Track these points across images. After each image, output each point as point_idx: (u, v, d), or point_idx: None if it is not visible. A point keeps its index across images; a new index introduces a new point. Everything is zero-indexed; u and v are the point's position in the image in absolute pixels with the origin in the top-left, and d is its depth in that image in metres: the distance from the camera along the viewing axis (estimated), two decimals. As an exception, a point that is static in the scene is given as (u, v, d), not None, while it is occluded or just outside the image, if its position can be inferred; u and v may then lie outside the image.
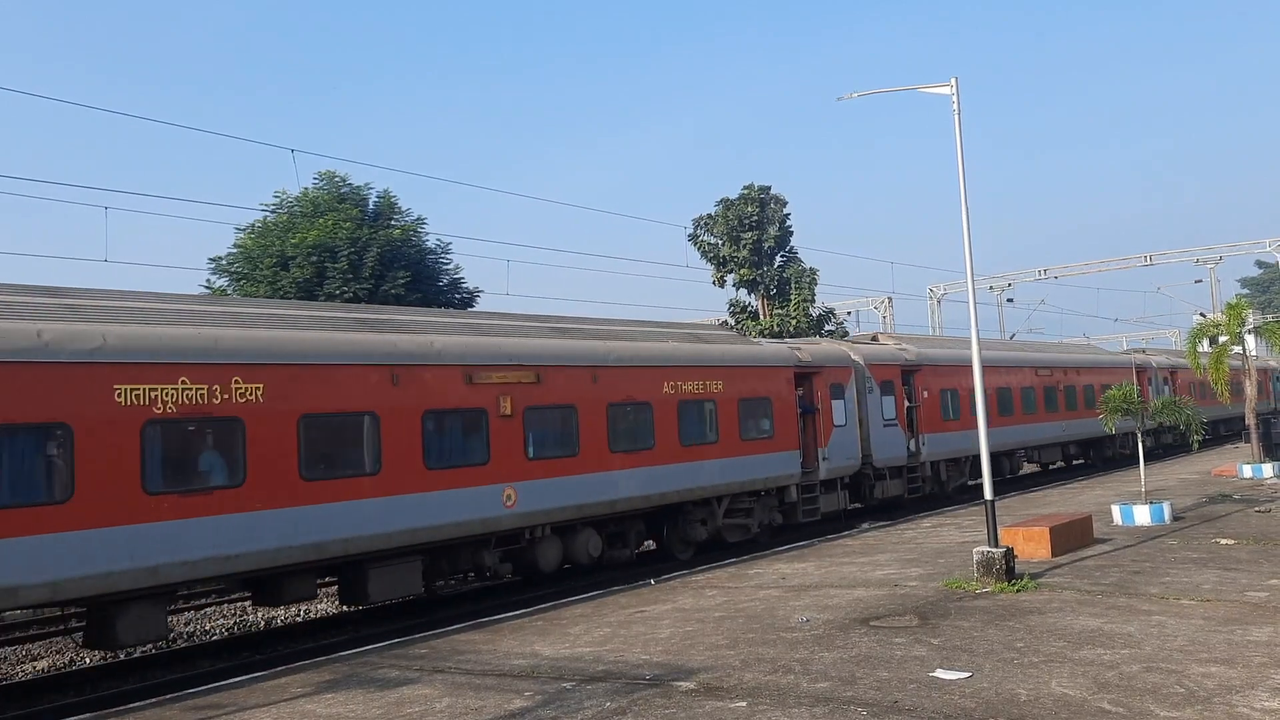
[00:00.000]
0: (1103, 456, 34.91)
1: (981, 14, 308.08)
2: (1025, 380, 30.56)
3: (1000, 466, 28.46)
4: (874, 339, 27.39)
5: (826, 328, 41.14)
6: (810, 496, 21.19)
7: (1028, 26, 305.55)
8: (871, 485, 23.22)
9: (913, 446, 24.63)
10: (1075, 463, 35.76)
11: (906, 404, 24.53)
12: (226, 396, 11.68)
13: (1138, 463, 20.50)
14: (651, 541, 19.70)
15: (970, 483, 27.40)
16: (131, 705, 9.91)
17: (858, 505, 23.88)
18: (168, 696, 10.12)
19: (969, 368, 22.84)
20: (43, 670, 14.19)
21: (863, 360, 23.29)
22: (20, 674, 14.25)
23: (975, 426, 21.61)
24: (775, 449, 20.07)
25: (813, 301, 40.90)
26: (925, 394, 25.23)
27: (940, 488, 26.10)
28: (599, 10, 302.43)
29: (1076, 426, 32.80)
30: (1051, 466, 35.63)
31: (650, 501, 17.48)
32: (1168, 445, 38.32)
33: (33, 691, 12.46)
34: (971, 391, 21.96)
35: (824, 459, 21.36)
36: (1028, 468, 34.66)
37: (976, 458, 23.12)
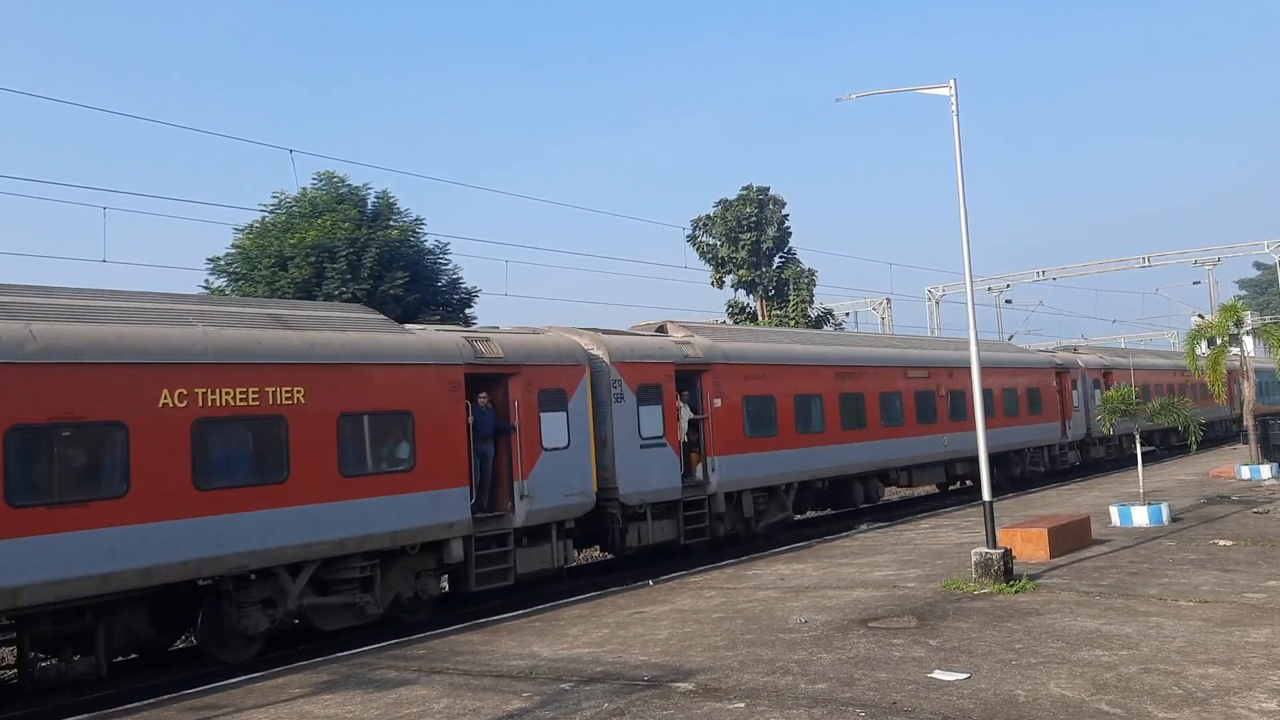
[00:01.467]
0: (1009, 475, 28.46)
1: (980, 15, 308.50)
2: (887, 384, 23.85)
3: (848, 494, 22.42)
4: (661, 329, 19.96)
5: (825, 328, 41.18)
6: (498, 553, 14.63)
7: (1027, 27, 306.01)
8: (621, 530, 16.79)
9: (700, 474, 18.41)
10: (956, 486, 28.91)
11: (691, 416, 18.36)
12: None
13: (1054, 480, 20.19)
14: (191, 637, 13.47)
15: (799, 517, 22.61)
16: (129, 706, 9.91)
17: (608, 556, 19.03)
18: (165, 697, 10.11)
19: (787, 368, 20.63)
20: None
21: (607, 356, 16.79)
22: (16, 675, 14.22)
23: (797, 445, 19.92)
24: (421, 486, 13.52)
25: (811, 302, 41.00)
26: (718, 402, 18.73)
27: (745, 526, 19.41)
28: (598, 11, 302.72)
29: (964, 440, 24.84)
30: (925, 492, 29.84)
31: (151, 578, 10.97)
32: (1102, 460, 34.41)
33: (30, 693, 12.41)
34: (796, 398, 20.47)
35: (522, 497, 14.91)
36: (899, 493, 29.08)
37: (803, 485, 20.97)
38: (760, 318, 40.91)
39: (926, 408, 25.05)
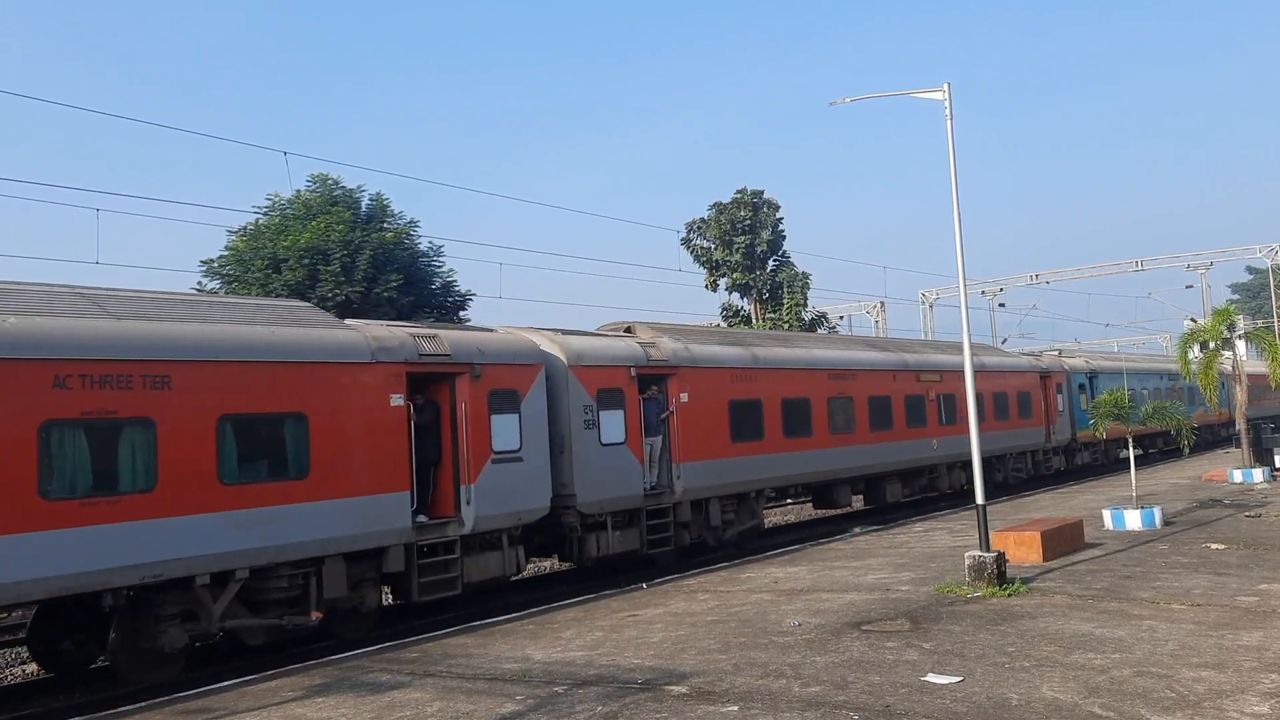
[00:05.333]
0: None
1: (975, 18, 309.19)
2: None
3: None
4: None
5: (819, 331, 41.23)
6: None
7: (1022, 30, 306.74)
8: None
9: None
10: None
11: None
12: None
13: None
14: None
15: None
16: (121, 709, 9.88)
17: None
18: (158, 700, 10.08)
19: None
20: (33, 674, 14.12)
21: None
22: (10, 678, 14.19)
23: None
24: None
25: (805, 306, 41.02)
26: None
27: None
28: (591, 14, 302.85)
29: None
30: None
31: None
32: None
33: (23, 695, 12.40)
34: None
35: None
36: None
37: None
38: (754, 321, 40.95)
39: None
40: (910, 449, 24.48)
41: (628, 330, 19.50)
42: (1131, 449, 20.05)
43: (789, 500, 26.79)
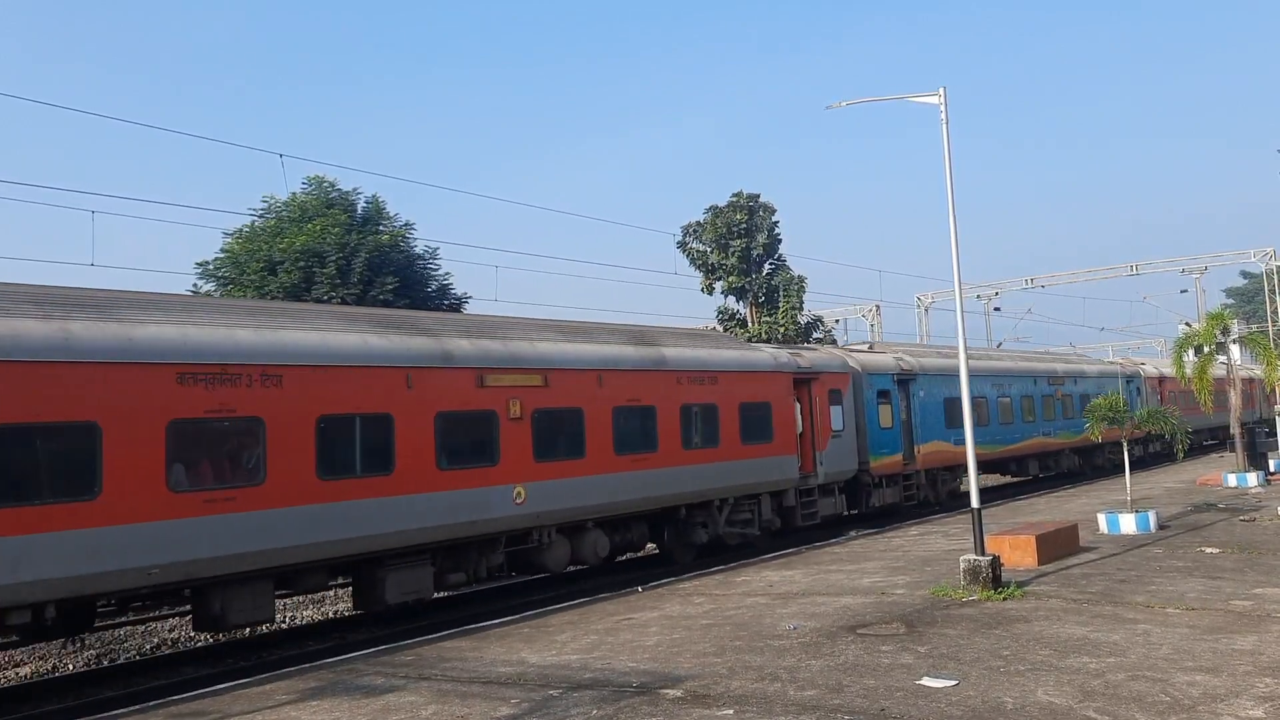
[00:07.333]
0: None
1: (975, 21, 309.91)
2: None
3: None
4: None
5: (815, 335, 41.28)
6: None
7: (1020, 34, 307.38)
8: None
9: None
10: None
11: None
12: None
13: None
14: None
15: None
16: (115, 712, 9.86)
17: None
18: (152, 703, 10.05)
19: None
20: (26, 676, 14.09)
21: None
22: (4, 679, 14.15)
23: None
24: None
25: (801, 309, 41.01)
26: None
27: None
28: (589, 16, 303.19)
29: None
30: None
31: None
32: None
33: (17, 698, 12.36)
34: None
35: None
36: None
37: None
38: (750, 324, 40.95)
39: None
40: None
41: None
42: (1126, 453, 20.08)
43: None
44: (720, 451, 18.79)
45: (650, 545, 19.21)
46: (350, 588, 15.49)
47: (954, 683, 8.49)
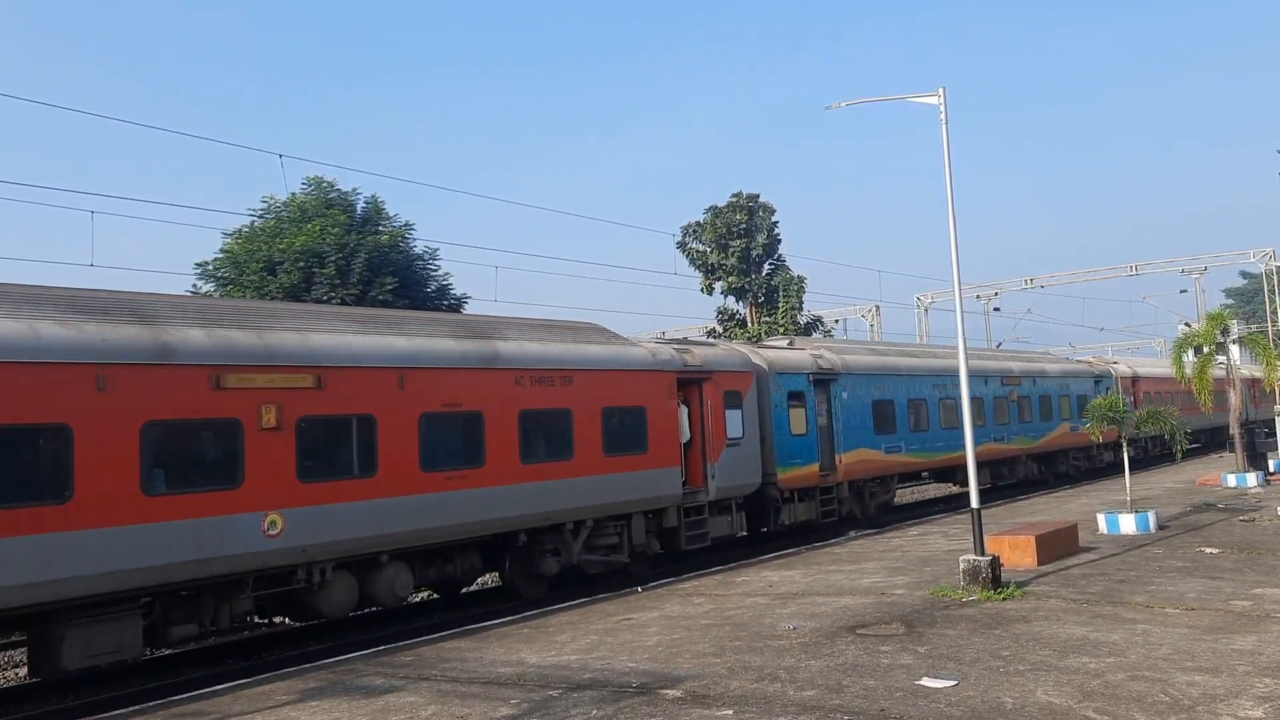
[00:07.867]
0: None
1: (974, 21, 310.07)
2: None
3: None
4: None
5: (815, 335, 41.30)
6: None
7: (1020, 34, 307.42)
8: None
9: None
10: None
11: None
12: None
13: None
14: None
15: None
16: (114, 712, 9.86)
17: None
18: (151, 704, 10.05)
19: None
20: (24, 678, 14.08)
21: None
22: (3, 680, 14.15)
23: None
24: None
25: (800, 309, 41.04)
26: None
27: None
28: (589, 17, 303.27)
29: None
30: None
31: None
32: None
33: (17, 698, 12.36)
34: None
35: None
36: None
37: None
38: (750, 324, 40.99)
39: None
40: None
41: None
42: (1126, 452, 20.09)
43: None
44: (574, 465, 15.82)
45: (486, 578, 17.34)
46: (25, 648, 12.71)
47: (953, 683, 8.49)
